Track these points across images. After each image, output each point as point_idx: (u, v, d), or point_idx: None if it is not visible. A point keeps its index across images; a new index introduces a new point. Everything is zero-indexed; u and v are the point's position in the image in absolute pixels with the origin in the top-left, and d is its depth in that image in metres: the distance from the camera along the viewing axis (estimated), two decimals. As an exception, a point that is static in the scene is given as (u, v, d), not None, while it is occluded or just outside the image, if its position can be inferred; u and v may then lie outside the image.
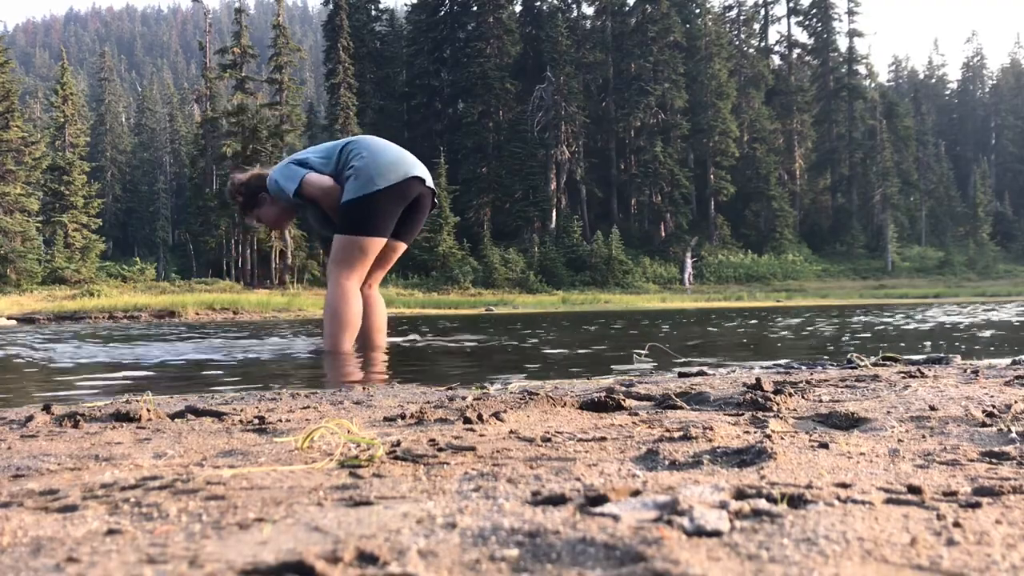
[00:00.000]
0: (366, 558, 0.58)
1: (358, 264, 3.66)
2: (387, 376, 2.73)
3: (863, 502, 0.72)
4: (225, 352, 4.11)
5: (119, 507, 0.75)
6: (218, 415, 1.43)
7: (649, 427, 1.23)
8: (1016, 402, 1.40)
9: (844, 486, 0.79)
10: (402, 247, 3.91)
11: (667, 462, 0.94)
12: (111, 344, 5.31)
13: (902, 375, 2.00)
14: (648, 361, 3.16)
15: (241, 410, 1.51)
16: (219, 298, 21.78)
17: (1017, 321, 7.41)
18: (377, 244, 3.66)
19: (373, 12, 52.75)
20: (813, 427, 1.24)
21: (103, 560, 0.59)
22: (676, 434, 1.12)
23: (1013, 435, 1.08)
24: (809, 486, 0.78)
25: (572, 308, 25.47)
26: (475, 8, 50.65)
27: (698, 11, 55.12)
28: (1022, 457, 0.93)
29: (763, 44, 61.99)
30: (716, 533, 0.62)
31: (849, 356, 2.73)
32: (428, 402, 1.63)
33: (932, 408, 1.37)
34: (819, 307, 18.90)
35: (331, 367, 3.22)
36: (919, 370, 2.08)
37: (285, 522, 0.69)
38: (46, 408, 1.48)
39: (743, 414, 1.36)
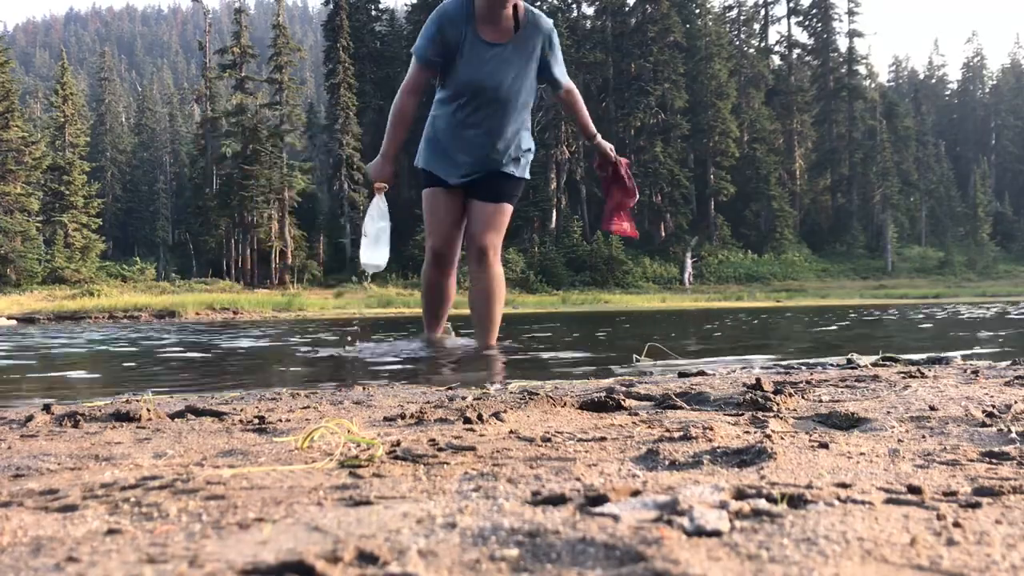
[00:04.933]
0: (366, 558, 0.58)
1: None
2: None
3: (863, 502, 0.72)
4: None
5: (119, 507, 0.75)
6: (218, 415, 1.43)
7: (649, 427, 1.23)
8: (1016, 402, 1.39)
9: (844, 486, 0.79)
10: None
11: (667, 462, 0.94)
12: None
13: (902, 375, 2.00)
14: (648, 361, 3.15)
15: (241, 410, 1.51)
16: (219, 298, 21.84)
17: None
18: None
19: (373, 12, 52.69)
20: (813, 427, 1.23)
21: (103, 560, 0.59)
22: (676, 434, 1.12)
23: (1013, 435, 1.08)
24: (809, 486, 0.78)
25: (572, 308, 25.46)
26: (475, 8, 50.58)
27: (698, 11, 55.11)
28: (1022, 457, 0.93)
29: (763, 44, 61.99)
30: (716, 533, 0.62)
31: (849, 356, 2.73)
32: (428, 402, 1.63)
33: (932, 408, 1.37)
34: (850, 307, 18.68)
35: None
36: (919, 370, 2.08)
37: (285, 522, 0.69)
38: (46, 408, 1.48)
39: (743, 414, 1.36)
